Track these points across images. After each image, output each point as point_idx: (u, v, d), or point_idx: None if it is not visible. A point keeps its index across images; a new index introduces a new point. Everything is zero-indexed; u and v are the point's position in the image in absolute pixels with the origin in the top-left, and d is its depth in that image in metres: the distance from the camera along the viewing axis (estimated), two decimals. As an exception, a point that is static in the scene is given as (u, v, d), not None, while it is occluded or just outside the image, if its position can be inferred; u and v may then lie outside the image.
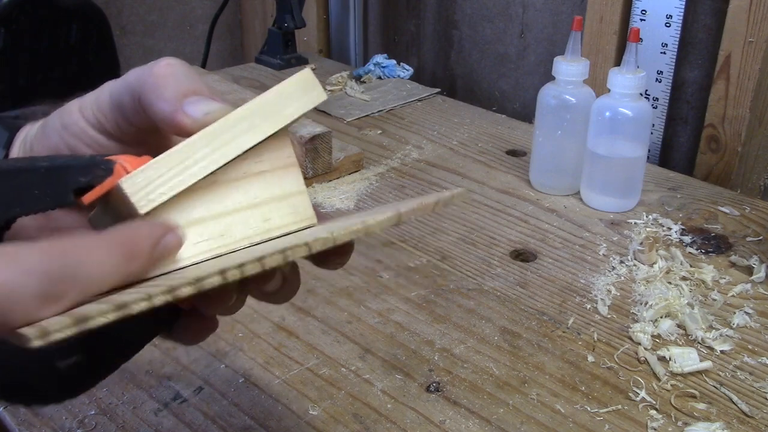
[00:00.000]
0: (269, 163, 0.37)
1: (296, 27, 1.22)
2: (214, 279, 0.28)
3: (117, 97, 0.35)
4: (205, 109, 0.34)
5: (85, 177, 0.32)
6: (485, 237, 0.75)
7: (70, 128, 0.36)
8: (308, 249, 0.30)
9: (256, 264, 0.29)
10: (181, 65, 0.35)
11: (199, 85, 0.35)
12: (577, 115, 0.79)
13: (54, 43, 1.20)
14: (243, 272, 0.29)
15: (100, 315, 0.26)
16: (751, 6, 0.83)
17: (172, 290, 0.28)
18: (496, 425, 0.52)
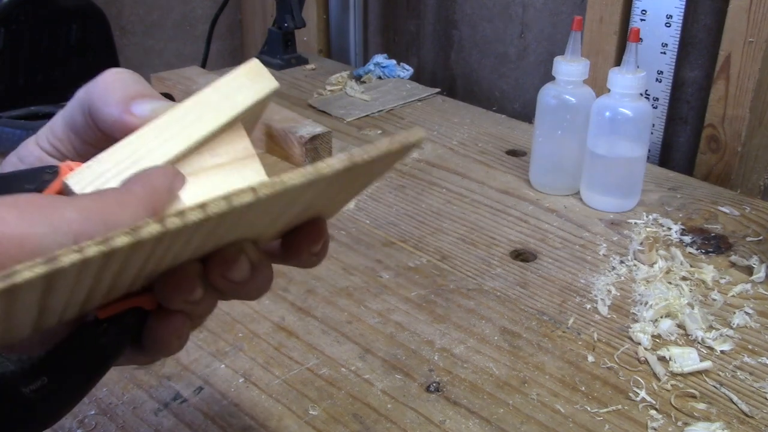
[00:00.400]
0: (226, 155, 0.36)
1: (296, 27, 1.22)
2: (152, 228, 0.25)
3: (69, 118, 0.36)
4: (150, 107, 0.34)
5: (31, 184, 0.31)
6: (485, 237, 0.75)
7: (25, 159, 0.36)
8: (254, 194, 0.27)
9: (198, 211, 0.26)
10: (128, 73, 0.36)
11: (146, 89, 0.35)
12: (577, 115, 0.79)
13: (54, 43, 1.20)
14: (185, 220, 0.26)
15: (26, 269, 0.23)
16: (751, 6, 0.83)
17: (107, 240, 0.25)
18: (496, 425, 0.52)
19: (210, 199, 0.26)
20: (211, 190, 0.34)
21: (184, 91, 0.99)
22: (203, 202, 0.26)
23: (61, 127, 0.36)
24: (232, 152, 0.36)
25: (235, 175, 0.36)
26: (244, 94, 0.35)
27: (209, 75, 1.05)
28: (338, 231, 0.76)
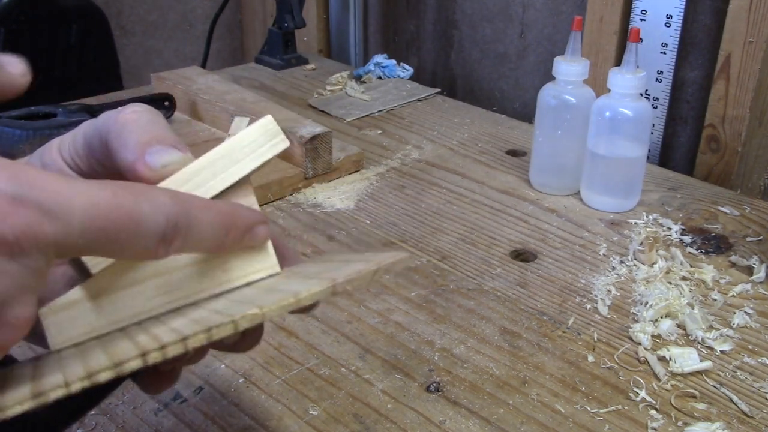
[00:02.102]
0: None
1: (296, 27, 1.22)
2: (134, 363, 0.28)
3: (89, 140, 0.36)
4: (164, 161, 0.34)
5: None
6: (485, 237, 0.75)
7: (48, 168, 0.37)
8: (235, 327, 0.29)
9: (178, 345, 0.28)
10: (147, 112, 0.36)
11: (163, 132, 0.35)
12: (577, 115, 0.79)
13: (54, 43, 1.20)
14: (165, 354, 0.28)
15: (15, 404, 0.26)
16: (751, 6, 0.83)
17: (90, 375, 0.27)
18: (496, 425, 0.52)
19: (190, 334, 0.28)
20: None
21: (184, 90, 0.99)
22: (184, 336, 0.28)
23: (82, 145, 0.36)
24: None
25: None
26: (255, 154, 0.36)
27: (209, 75, 1.05)
28: (338, 231, 0.76)
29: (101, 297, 0.33)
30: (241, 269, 0.36)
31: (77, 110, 0.88)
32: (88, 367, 0.28)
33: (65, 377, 0.27)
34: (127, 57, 1.41)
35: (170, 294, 0.35)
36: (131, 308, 0.34)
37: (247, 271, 0.36)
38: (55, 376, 0.27)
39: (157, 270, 0.34)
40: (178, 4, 1.46)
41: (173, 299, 0.35)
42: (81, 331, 0.33)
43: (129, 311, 0.34)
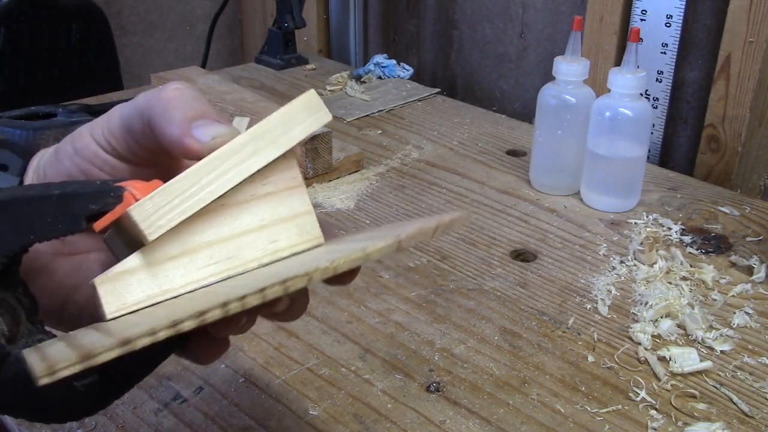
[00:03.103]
0: (276, 184, 0.37)
1: (296, 27, 1.22)
2: (215, 312, 0.29)
3: (127, 121, 0.36)
4: (212, 133, 0.34)
5: (95, 204, 0.33)
6: (485, 237, 0.75)
7: (81, 152, 0.37)
8: (308, 279, 0.31)
9: (257, 295, 0.30)
10: (189, 89, 0.36)
11: (207, 108, 0.35)
12: (577, 115, 0.79)
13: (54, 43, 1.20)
14: (244, 305, 0.29)
15: (105, 351, 0.27)
16: (751, 6, 0.83)
17: (175, 324, 0.28)
18: (496, 425, 0.52)
19: (268, 285, 0.30)
20: (261, 220, 0.37)
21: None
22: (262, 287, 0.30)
23: (119, 127, 0.36)
24: (282, 181, 0.37)
25: (282, 205, 0.37)
26: (300, 127, 0.36)
27: (209, 75, 1.05)
28: (338, 231, 0.76)
29: (154, 266, 0.34)
30: (288, 240, 0.37)
31: (77, 110, 0.88)
32: (172, 316, 0.28)
33: (150, 326, 0.28)
34: (127, 57, 1.41)
35: (221, 264, 0.35)
36: (184, 277, 0.35)
37: (294, 241, 0.37)
38: (137, 329, 0.28)
39: (208, 240, 0.35)
40: (178, 4, 1.46)
41: (224, 269, 0.35)
42: (135, 299, 0.34)
43: (181, 280, 0.35)
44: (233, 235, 0.36)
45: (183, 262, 0.35)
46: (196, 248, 0.35)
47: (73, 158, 0.37)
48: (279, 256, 0.37)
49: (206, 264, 0.35)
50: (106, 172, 0.37)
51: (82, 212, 0.33)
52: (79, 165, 0.37)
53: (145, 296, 0.34)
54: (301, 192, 0.38)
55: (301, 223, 0.38)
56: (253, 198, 0.36)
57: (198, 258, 0.35)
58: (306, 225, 0.38)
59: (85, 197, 0.33)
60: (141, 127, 0.36)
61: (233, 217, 0.36)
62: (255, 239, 0.36)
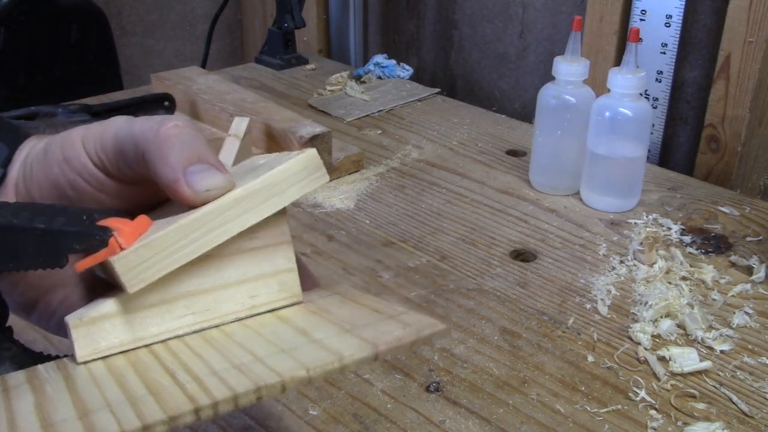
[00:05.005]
0: (263, 240, 0.36)
1: (296, 27, 1.22)
2: (188, 417, 0.29)
3: (121, 144, 0.35)
4: (207, 185, 0.34)
5: (79, 245, 0.33)
6: (485, 237, 0.75)
7: (71, 162, 0.36)
8: (283, 388, 0.30)
9: (230, 403, 0.29)
10: (188, 127, 0.35)
11: (204, 151, 0.34)
12: (577, 115, 0.79)
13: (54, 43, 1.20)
14: (216, 411, 0.29)
15: None
16: (750, 6, 0.83)
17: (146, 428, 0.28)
18: (495, 425, 0.52)
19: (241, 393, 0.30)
20: (244, 274, 0.36)
21: (184, 90, 0.99)
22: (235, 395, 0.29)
23: (112, 147, 0.35)
24: (270, 237, 0.36)
25: (266, 261, 0.36)
26: (296, 187, 0.36)
27: (209, 75, 1.05)
28: (338, 231, 0.76)
29: (131, 313, 0.34)
30: (268, 296, 0.37)
31: (77, 110, 0.88)
32: (143, 419, 0.28)
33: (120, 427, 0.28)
34: (127, 57, 1.41)
35: (198, 315, 0.35)
36: (159, 326, 0.34)
37: (273, 297, 0.37)
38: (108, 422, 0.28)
39: (188, 290, 0.35)
40: (178, 4, 1.46)
41: (200, 320, 0.35)
42: (108, 345, 0.33)
43: (156, 329, 0.34)
44: (213, 287, 0.35)
45: (160, 311, 0.34)
46: (174, 298, 0.34)
47: (62, 166, 0.36)
48: (256, 311, 0.36)
49: (183, 314, 0.35)
50: (93, 186, 0.36)
51: (65, 250, 0.33)
52: (67, 175, 0.36)
53: (119, 342, 0.34)
54: (286, 248, 0.37)
55: (283, 280, 0.37)
56: (238, 251, 0.36)
57: (175, 308, 0.35)
58: (287, 282, 0.37)
59: (70, 236, 0.33)
60: (134, 156, 0.35)
61: (216, 269, 0.35)
62: (235, 293, 0.36)
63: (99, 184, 0.36)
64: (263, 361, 0.32)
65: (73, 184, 0.36)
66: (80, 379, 0.32)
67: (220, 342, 0.34)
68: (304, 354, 0.32)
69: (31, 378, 0.32)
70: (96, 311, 0.33)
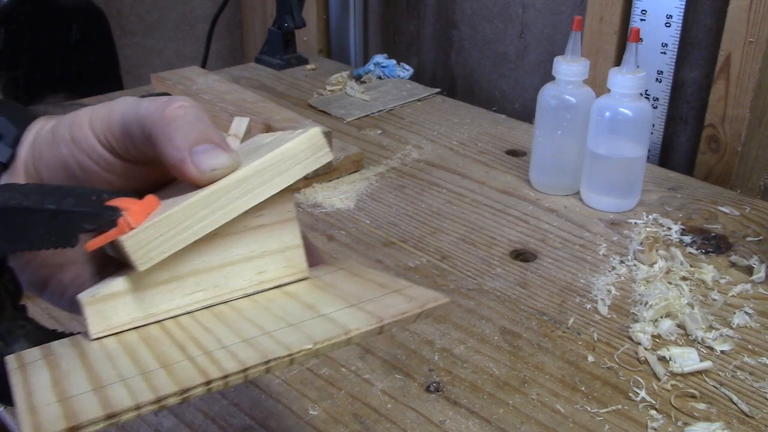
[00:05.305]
0: (269, 217, 0.37)
1: (296, 27, 1.22)
2: (199, 390, 0.29)
3: (128, 125, 0.35)
4: (213, 164, 0.34)
5: (89, 224, 0.33)
6: (485, 237, 0.75)
7: (79, 143, 0.36)
8: (291, 361, 0.31)
9: (240, 375, 0.30)
10: (194, 107, 0.35)
11: (210, 130, 0.35)
12: (577, 115, 0.79)
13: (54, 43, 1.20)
14: (227, 382, 0.30)
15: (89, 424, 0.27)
16: (751, 6, 0.83)
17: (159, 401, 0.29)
18: (496, 425, 0.52)
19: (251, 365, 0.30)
20: (251, 251, 0.37)
21: (184, 90, 0.99)
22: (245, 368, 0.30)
23: (119, 128, 0.36)
24: (276, 215, 0.37)
25: (273, 238, 0.37)
26: (300, 165, 0.36)
27: (209, 75, 1.05)
28: (338, 231, 0.76)
29: (142, 290, 0.34)
30: (275, 272, 0.37)
31: (77, 110, 0.87)
32: (156, 392, 0.29)
33: (135, 399, 0.28)
34: (127, 57, 1.41)
35: (207, 291, 0.36)
36: (169, 302, 0.35)
37: (281, 273, 0.37)
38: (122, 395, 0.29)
39: (197, 267, 0.35)
40: (178, 4, 1.46)
41: (210, 296, 0.36)
42: (120, 322, 0.34)
43: (167, 305, 0.35)
44: (222, 264, 0.36)
45: (170, 287, 0.35)
46: (183, 275, 0.35)
47: (70, 147, 0.37)
48: (264, 287, 0.37)
49: (192, 291, 0.35)
50: (101, 166, 0.37)
51: (75, 230, 0.33)
52: (76, 156, 0.36)
53: (130, 319, 0.34)
54: (292, 225, 0.38)
55: (290, 257, 0.38)
56: (245, 229, 0.36)
57: (185, 285, 0.35)
58: (294, 258, 0.38)
59: (80, 216, 0.33)
60: (141, 136, 0.35)
61: (223, 247, 0.36)
62: (243, 269, 0.37)
63: (107, 164, 0.37)
64: (272, 335, 0.32)
65: (82, 164, 0.37)
66: (94, 355, 0.32)
67: (230, 317, 0.35)
68: (311, 327, 0.33)
69: (46, 354, 0.33)
70: (107, 289, 0.34)
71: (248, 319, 0.34)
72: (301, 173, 0.36)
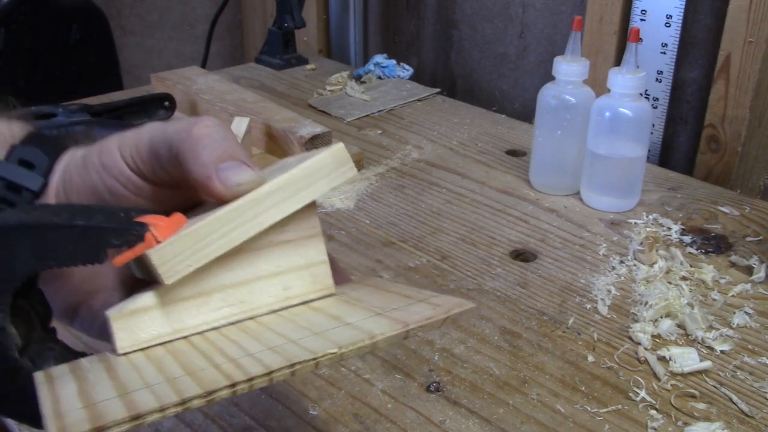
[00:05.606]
0: (294, 233, 0.37)
1: (296, 27, 1.22)
2: (224, 392, 0.30)
3: (156, 148, 0.37)
4: (238, 180, 0.35)
5: (117, 240, 0.34)
6: (485, 237, 0.75)
7: (108, 168, 0.38)
8: (316, 364, 0.31)
9: (264, 378, 0.30)
10: (219, 127, 0.37)
11: (235, 148, 0.36)
12: (577, 115, 0.79)
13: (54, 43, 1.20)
14: (252, 386, 0.30)
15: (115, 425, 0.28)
16: (750, 6, 0.83)
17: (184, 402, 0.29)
18: (496, 425, 0.52)
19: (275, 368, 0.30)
20: (277, 267, 0.37)
21: (184, 90, 0.99)
22: (270, 371, 0.30)
23: (147, 151, 0.37)
24: (300, 230, 0.37)
25: (298, 254, 0.37)
26: (325, 180, 0.37)
27: (209, 75, 1.05)
28: (338, 231, 0.76)
29: (168, 305, 0.35)
30: (301, 288, 0.38)
31: (77, 110, 0.88)
32: (181, 394, 0.29)
33: (159, 402, 0.29)
34: (127, 57, 1.41)
35: (233, 307, 0.36)
36: (196, 318, 0.35)
37: (306, 290, 0.38)
38: (148, 398, 0.29)
39: (223, 283, 0.36)
40: (178, 4, 1.46)
41: (236, 312, 0.36)
42: (147, 337, 0.34)
43: (193, 321, 0.35)
44: (248, 279, 0.36)
45: (196, 303, 0.35)
46: (210, 290, 0.35)
47: (100, 172, 0.38)
48: (290, 303, 0.37)
49: (219, 307, 0.36)
50: (130, 189, 0.38)
51: (103, 246, 0.34)
52: (105, 180, 0.38)
53: (157, 334, 0.35)
54: (317, 241, 0.38)
55: (315, 273, 0.38)
56: (270, 245, 0.37)
57: (211, 300, 0.36)
58: (319, 274, 0.38)
59: (108, 232, 0.34)
60: (168, 157, 0.36)
61: (249, 263, 0.36)
62: (268, 285, 0.37)
63: (135, 187, 0.38)
64: (297, 342, 0.33)
65: (111, 189, 0.38)
66: (121, 368, 0.33)
67: (256, 330, 0.35)
68: (336, 335, 0.33)
69: (74, 369, 0.33)
70: (134, 304, 0.34)
71: (274, 330, 0.35)
72: (326, 188, 0.37)
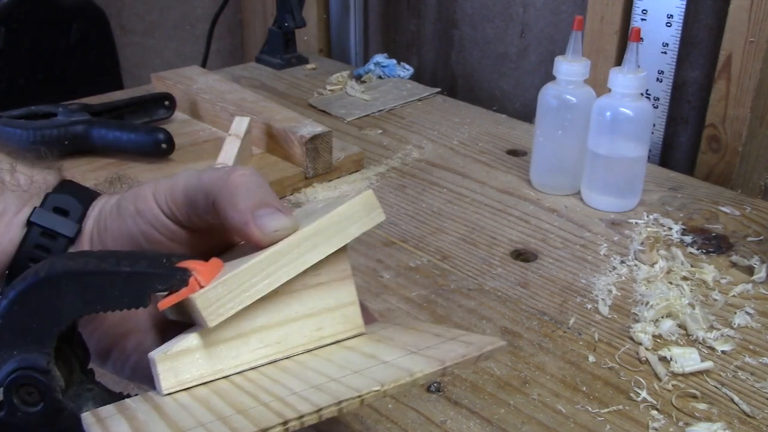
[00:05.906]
0: (326, 275, 0.39)
1: (296, 26, 1.22)
2: (276, 429, 0.31)
3: (192, 195, 0.38)
4: (275, 226, 0.37)
5: (162, 285, 0.36)
6: (486, 237, 0.75)
7: (143, 214, 0.39)
8: (361, 402, 0.33)
9: (314, 415, 0.32)
10: (254, 176, 0.39)
11: (270, 196, 0.38)
12: (577, 114, 0.79)
13: (54, 43, 1.20)
14: (302, 422, 0.32)
15: None
16: (752, 6, 0.83)
17: None
18: (497, 425, 0.51)
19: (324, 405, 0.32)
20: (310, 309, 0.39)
21: (184, 90, 0.99)
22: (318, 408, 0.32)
23: (182, 198, 0.39)
24: (333, 273, 0.40)
25: (330, 296, 0.40)
26: (356, 225, 0.39)
27: (209, 74, 1.05)
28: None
29: (210, 347, 0.36)
30: (333, 328, 0.40)
31: (77, 110, 0.88)
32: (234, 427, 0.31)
33: None
34: (127, 57, 1.41)
35: (270, 348, 0.38)
36: (235, 359, 0.37)
37: (338, 330, 0.40)
38: None
39: (260, 325, 0.37)
40: (178, 4, 1.46)
41: (273, 353, 0.38)
42: (190, 377, 0.36)
43: (233, 362, 0.37)
44: (283, 321, 0.38)
45: (236, 344, 0.37)
46: (248, 332, 0.37)
47: (135, 218, 0.39)
48: (323, 342, 0.39)
49: (257, 347, 0.37)
50: (165, 235, 0.39)
51: (148, 291, 0.35)
52: (140, 226, 0.39)
53: (199, 375, 0.36)
54: (348, 283, 0.40)
55: (346, 313, 0.40)
56: (304, 287, 0.39)
57: (250, 341, 0.37)
58: (350, 315, 0.40)
59: (153, 277, 0.35)
60: (205, 205, 0.38)
61: (284, 305, 0.38)
62: (302, 326, 0.39)
63: (170, 233, 0.40)
64: (339, 380, 0.34)
65: (146, 234, 0.39)
66: (168, 407, 0.34)
67: (295, 369, 0.37)
68: (375, 373, 0.35)
69: (121, 409, 0.35)
70: (179, 346, 0.36)
71: (313, 369, 0.36)
72: (357, 232, 0.39)
